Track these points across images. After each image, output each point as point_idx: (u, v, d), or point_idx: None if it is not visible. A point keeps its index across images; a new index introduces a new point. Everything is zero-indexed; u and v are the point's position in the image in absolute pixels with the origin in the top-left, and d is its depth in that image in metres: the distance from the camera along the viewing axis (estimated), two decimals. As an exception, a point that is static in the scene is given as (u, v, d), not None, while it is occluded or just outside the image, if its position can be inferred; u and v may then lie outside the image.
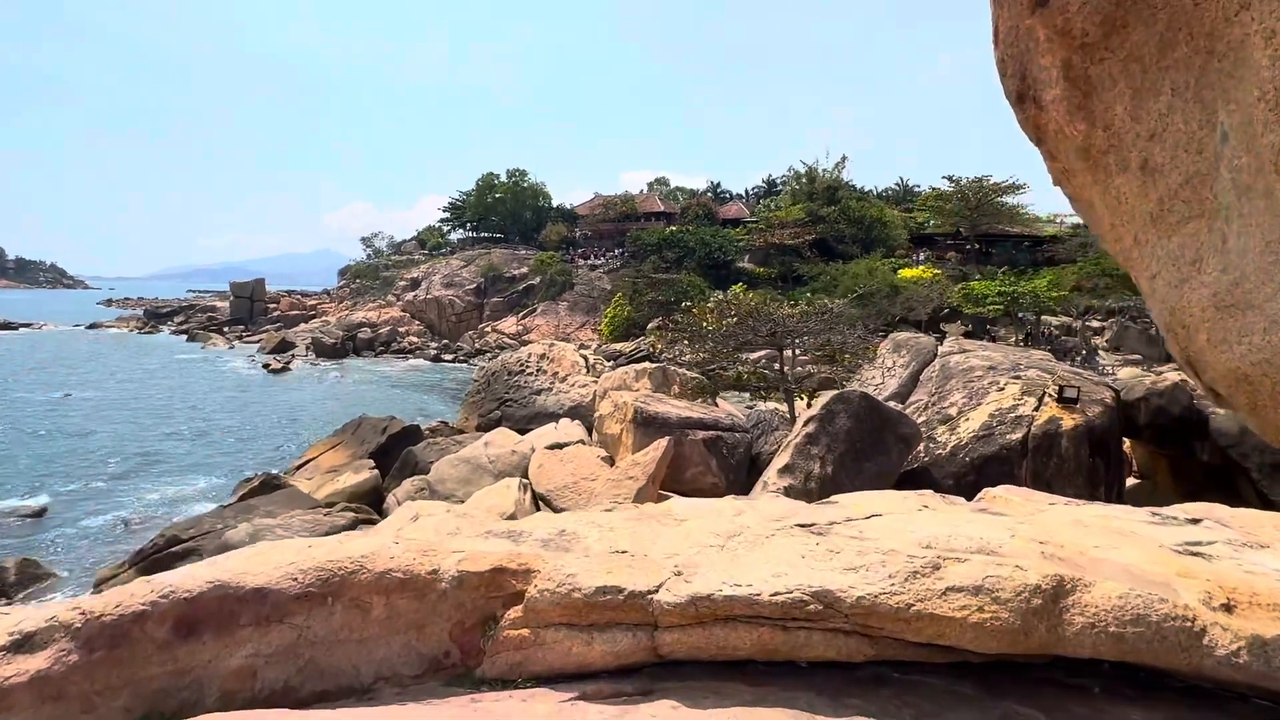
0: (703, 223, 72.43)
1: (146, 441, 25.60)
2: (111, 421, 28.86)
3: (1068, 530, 2.98)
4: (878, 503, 3.79)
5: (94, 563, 14.56)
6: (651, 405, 12.56)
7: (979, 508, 3.90)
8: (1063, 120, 1.66)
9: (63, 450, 23.81)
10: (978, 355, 12.19)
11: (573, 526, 4.37)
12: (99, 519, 17.14)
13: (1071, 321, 53.00)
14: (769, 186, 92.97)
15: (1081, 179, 1.72)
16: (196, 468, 22.47)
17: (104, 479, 20.56)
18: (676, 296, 54.92)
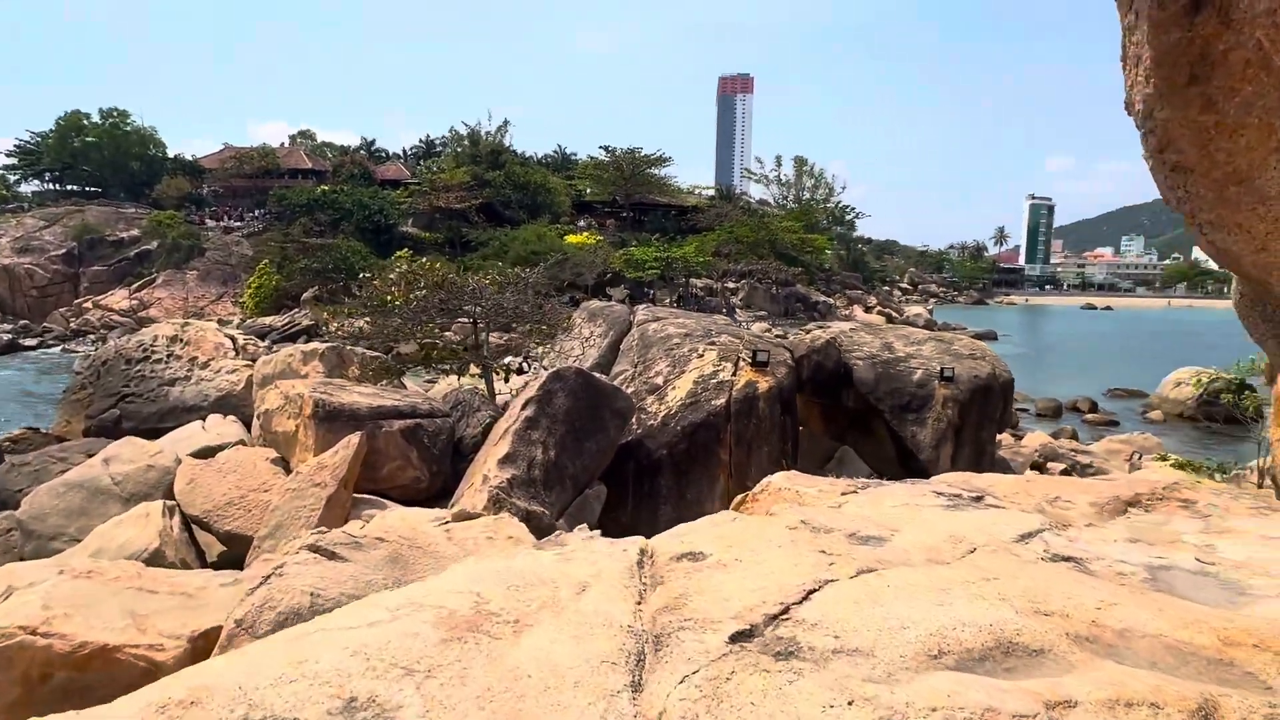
0: (359, 183, 66.91)
1: None
2: None
3: (1004, 565, 2.60)
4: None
5: None
6: (335, 395, 10.76)
7: (853, 532, 3.39)
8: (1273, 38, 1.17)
9: None
10: (673, 323, 12.54)
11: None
12: None
13: (713, 283, 59.68)
14: (428, 147, 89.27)
15: (1253, 137, 1.26)
16: None
17: None
18: (334, 263, 50.15)
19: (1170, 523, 3.73)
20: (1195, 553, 3.28)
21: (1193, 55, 1.24)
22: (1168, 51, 1.28)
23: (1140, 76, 1.39)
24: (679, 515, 10.18)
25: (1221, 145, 1.26)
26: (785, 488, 4.32)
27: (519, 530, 6.67)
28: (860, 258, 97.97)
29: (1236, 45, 1.17)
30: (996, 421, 14.66)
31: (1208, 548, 3.20)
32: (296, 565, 5.20)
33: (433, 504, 10.53)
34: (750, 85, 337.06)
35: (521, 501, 7.99)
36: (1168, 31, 1.26)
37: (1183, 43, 1.24)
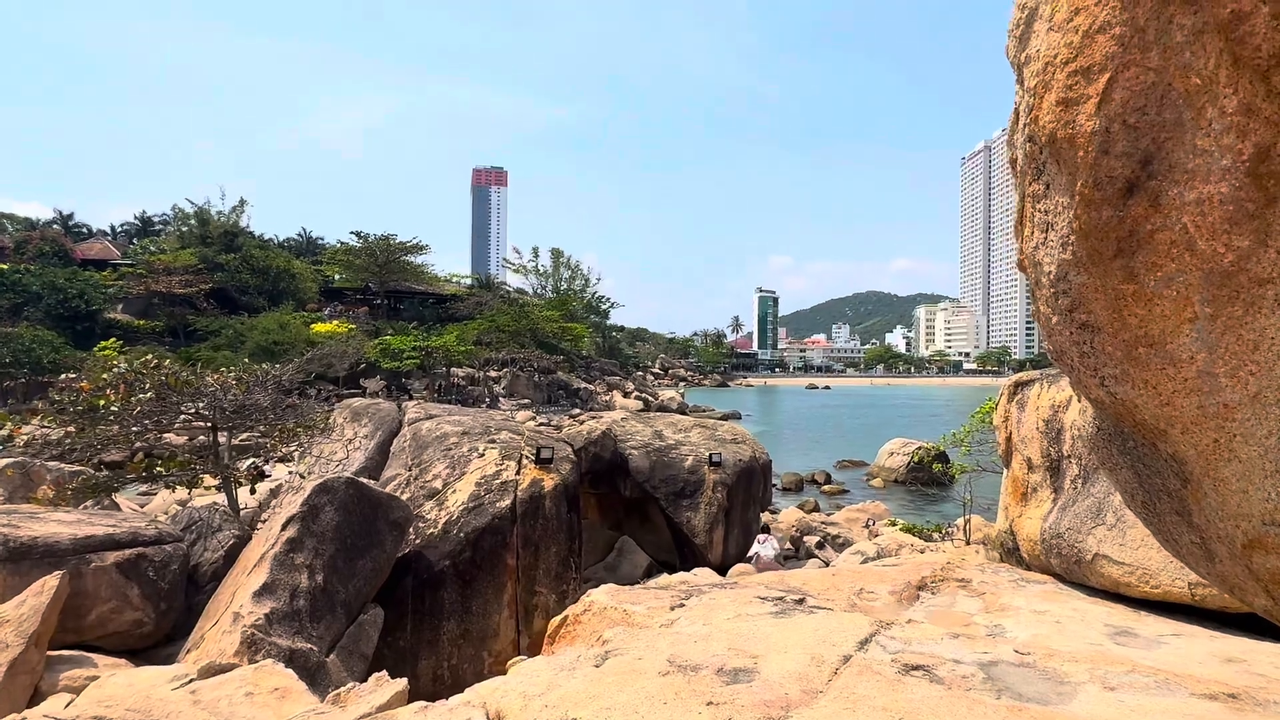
0: (51, 262, 57.36)
1: None
2: None
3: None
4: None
5: None
6: (22, 527, 8.63)
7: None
8: (1206, 230, 1.23)
9: None
10: (449, 420, 11.91)
11: None
12: None
13: (475, 372, 58.70)
14: (144, 224, 79.80)
15: (1168, 308, 1.32)
16: None
17: None
18: (14, 356, 42.00)
19: (956, 604, 4.10)
20: (987, 632, 3.60)
21: (1121, 233, 1.36)
22: (1097, 227, 1.40)
23: (1054, 242, 1.52)
24: (464, 630, 9.44)
25: (1136, 311, 1.40)
26: (611, 607, 4.10)
27: (286, 679, 5.69)
28: (615, 345, 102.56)
29: (1164, 227, 1.30)
30: (759, 501, 15.67)
31: (997, 628, 3.53)
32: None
33: (161, 652, 8.75)
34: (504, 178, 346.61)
35: (284, 640, 6.87)
36: (1099, 210, 1.38)
37: (1113, 221, 1.36)
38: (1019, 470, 5.54)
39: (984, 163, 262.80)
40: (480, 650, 9.19)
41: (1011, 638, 3.38)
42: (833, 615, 3.60)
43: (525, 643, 9.44)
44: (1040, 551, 4.91)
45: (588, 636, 3.88)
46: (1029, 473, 5.36)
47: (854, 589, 4.22)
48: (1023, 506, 5.34)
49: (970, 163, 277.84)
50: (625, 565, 13.97)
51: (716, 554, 13.85)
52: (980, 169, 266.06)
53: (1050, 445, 5.04)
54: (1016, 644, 3.31)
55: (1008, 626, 3.52)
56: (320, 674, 6.85)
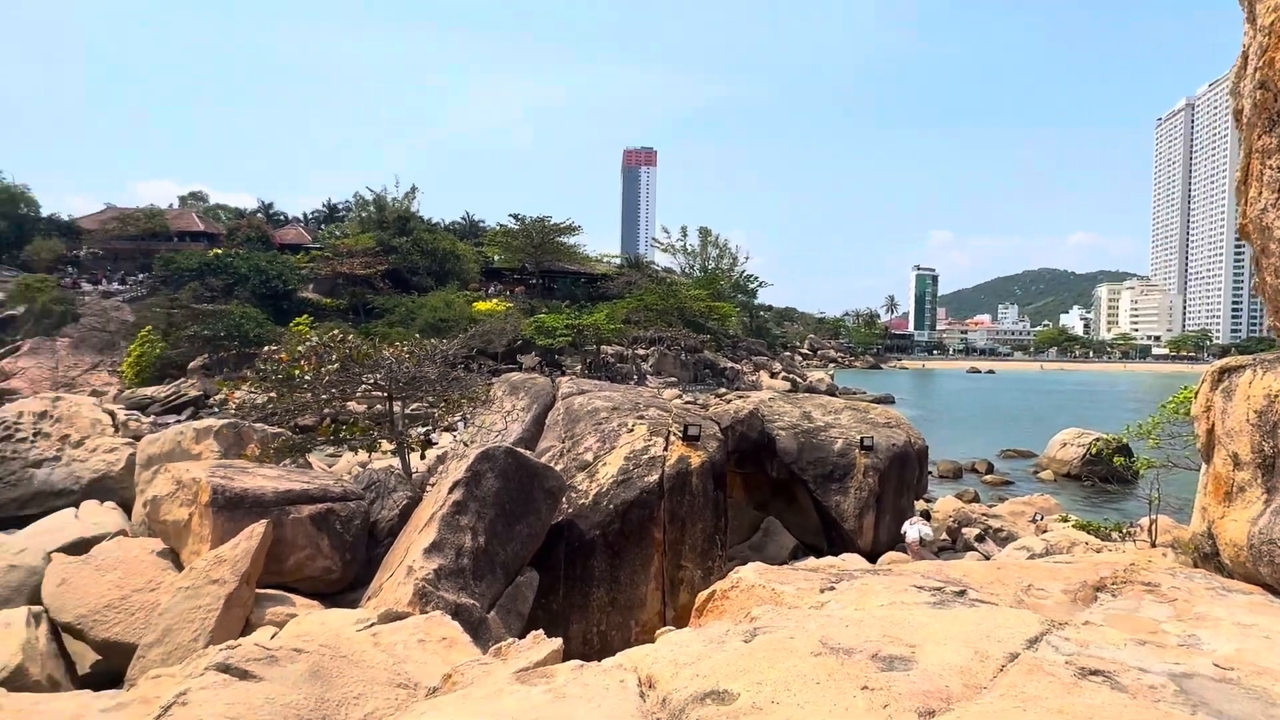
0: (256, 247, 64.36)
1: None
2: None
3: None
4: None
5: None
6: (236, 480, 9.85)
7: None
8: None
9: None
10: (599, 396, 12.30)
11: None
12: None
13: (624, 350, 60.04)
14: (331, 211, 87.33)
15: None
16: None
17: None
18: (227, 330, 47.61)
19: (1141, 609, 3.74)
20: (1179, 642, 3.26)
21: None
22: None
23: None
24: (613, 598, 9.76)
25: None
26: (759, 585, 4.10)
27: (452, 631, 6.14)
28: (762, 324, 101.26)
29: None
30: (913, 488, 15.02)
31: (1191, 638, 3.19)
32: (202, 691, 4.53)
33: (346, 596, 9.70)
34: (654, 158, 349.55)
35: (450, 594, 7.42)
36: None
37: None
38: (1222, 467, 4.94)
39: (1184, 123, 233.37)
40: (628, 618, 9.48)
41: (1209, 650, 3.03)
42: (997, 610, 3.39)
43: (671, 615, 9.63)
44: (1247, 558, 4.37)
45: (735, 613, 3.90)
46: (1235, 470, 4.77)
47: (1021, 585, 3.95)
48: (1226, 507, 4.76)
49: (1167, 124, 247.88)
50: (771, 546, 13.87)
51: (866, 540, 13.44)
52: (1179, 130, 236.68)
53: (1264, 439, 4.45)
54: (1216, 657, 2.96)
55: (1204, 638, 3.17)
56: (482, 628, 7.34)
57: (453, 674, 4.77)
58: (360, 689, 5.04)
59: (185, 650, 7.66)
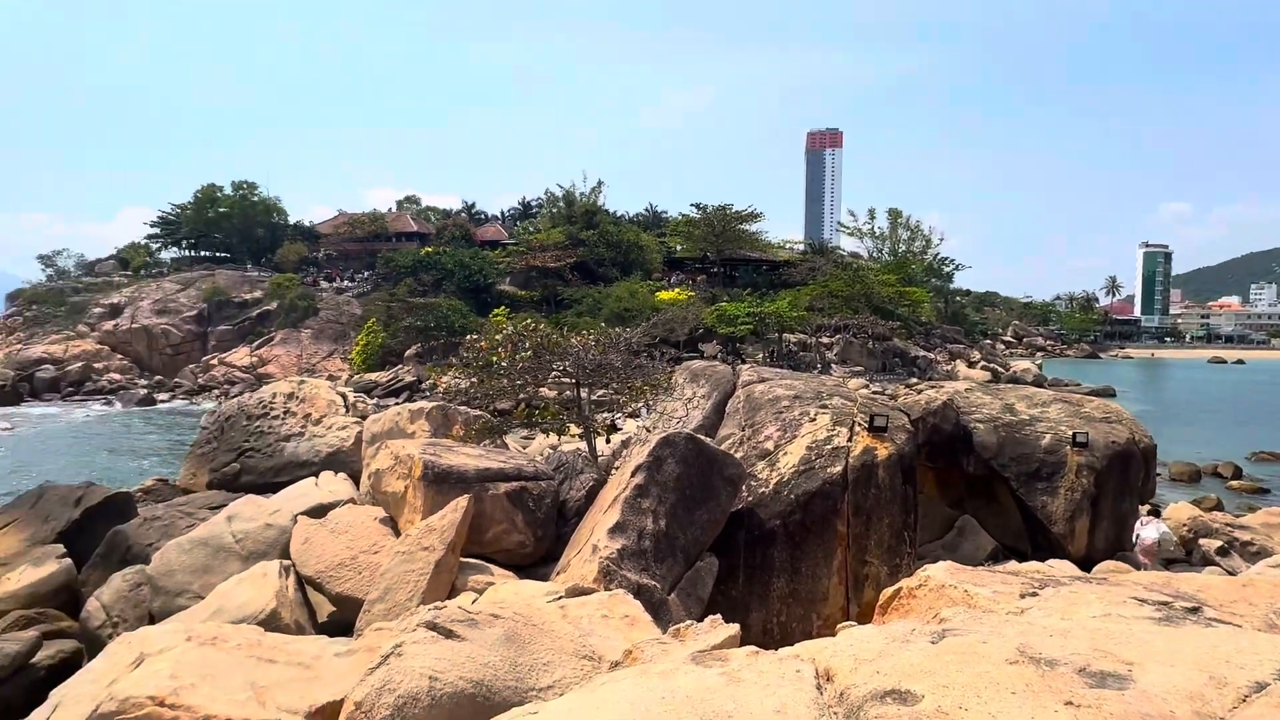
0: (460, 244, 69.90)
1: None
2: None
3: None
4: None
5: None
6: (443, 457, 10.82)
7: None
8: None
9: None
10: (781, 384, 12.12)
11: None
12: None
13: (807, 338, 58.64)
14: (525, 208, 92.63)
15: None
16: None
17: None
18: (436, 321, 52.14)
19: None
20: None
21: None
22: None
23: None
24: (793, 589, 9.61)
25: None
26: (949, 584, 3.85)
27: (634, 609, 6.34)
28: (960, 310, 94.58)
29: None
30: (1136, 491, 13.41)
31: None
32: (414, 645, 5.03)
33: (537, 569, 10.34)
34: (839, 139, 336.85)
35: (632, 574, 7.67)
36: None
37: None
38: None
39: None
40: (809, 611, 9.30)
41: None
42: (1240, 633, 2.92)
43: (854, 611, 9.32)
44: None
45: (922, 612, 3.69)
46: None
47: (1274, 606, 3.38)
48: None
49: None
50: (966, 546, 12.98)
51: (1078, 546, 12.21)
52: None
53: None
54: None
55: None
56: (662, 610, 7.52)
57: (633, 650, 4.94)
58: (549, 657, 5.36)
59: (401, 608, 8.54)
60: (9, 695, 8.57)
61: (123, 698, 5.07)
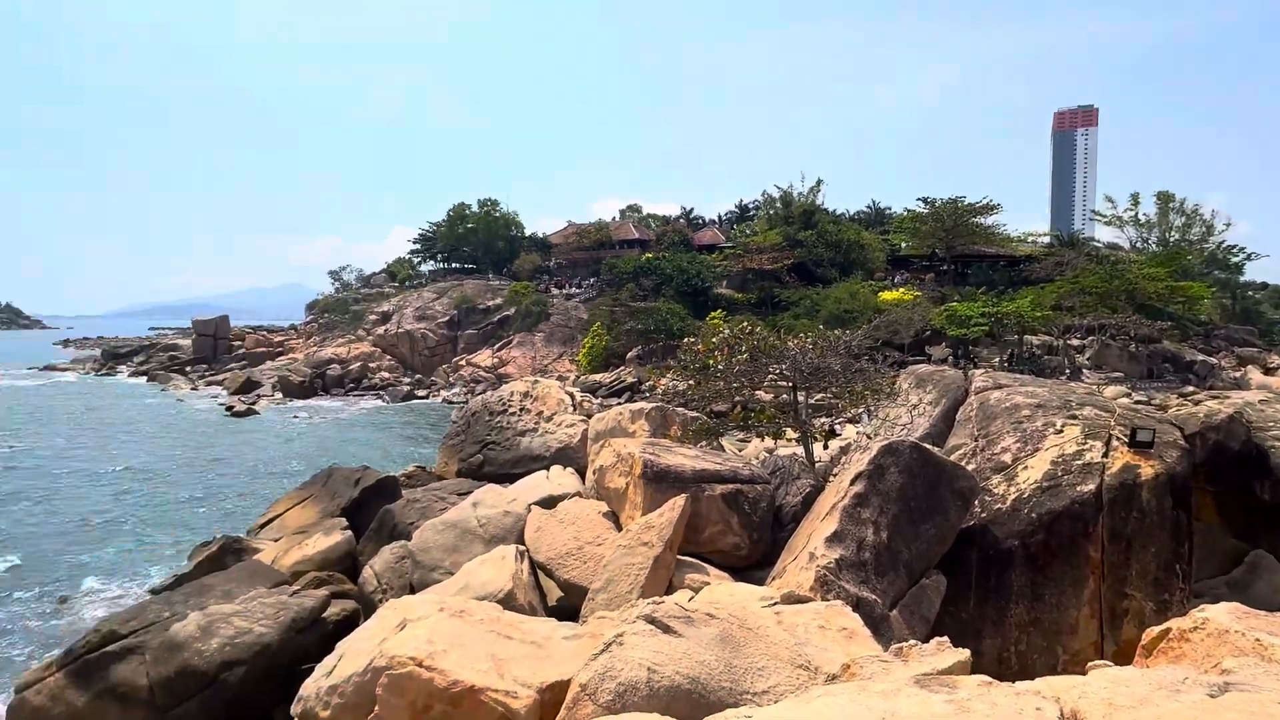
0: (678, 249, 71.70)
1: (94, 501, 23.57)
2: (53, 480, 26.69)
3: None
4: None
5: (23, 655, 12.74)
6: (662, 457, 11.18)
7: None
8: None
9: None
10: (1021, 392, 11.04)
11: None
12: (33, 600, 15.25)
13: (1053, 340, 52.83)
14: (742, 211, 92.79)
15: None
16: (149, 530, 20.57)
17: (45, 548, 18.59)
18: (656, 324, 53.90)
19: None
20: None
21: None
22: None
23: None
24: (1034, 618, 8.72)
25: None
26: (1235, 630, 3.28)
27: (853, 622, 6.12)
28: (1251, 307, 79.89)
29: None
30: None
31: None
32: (634, 636, 5.26)
33: (751, 572, 10.33)
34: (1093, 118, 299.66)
35: (851, 586, 7.41)
36: None
37: None
38: None
39: None
40: (1053, 643, 8.39)
41: None
42: None
43: (1111, 649, 8.26)
44: None
45: (1198, 659, 3.17)
46: None
47: None
48: None
49: None
50: (1260, 585, 10.98)
51: None
52: None
53: None
54: None
55: None
56: (883, 626, 7.18)
57: (851, 665, 4.77)
58: (764, 662, 5.34)
59: (622, 599, 8.94)
60: (306, 643, 10.17)
61: (390, 655, 5.82)
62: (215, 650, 9.47)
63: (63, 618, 14.27)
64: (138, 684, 9.39)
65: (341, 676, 6.13)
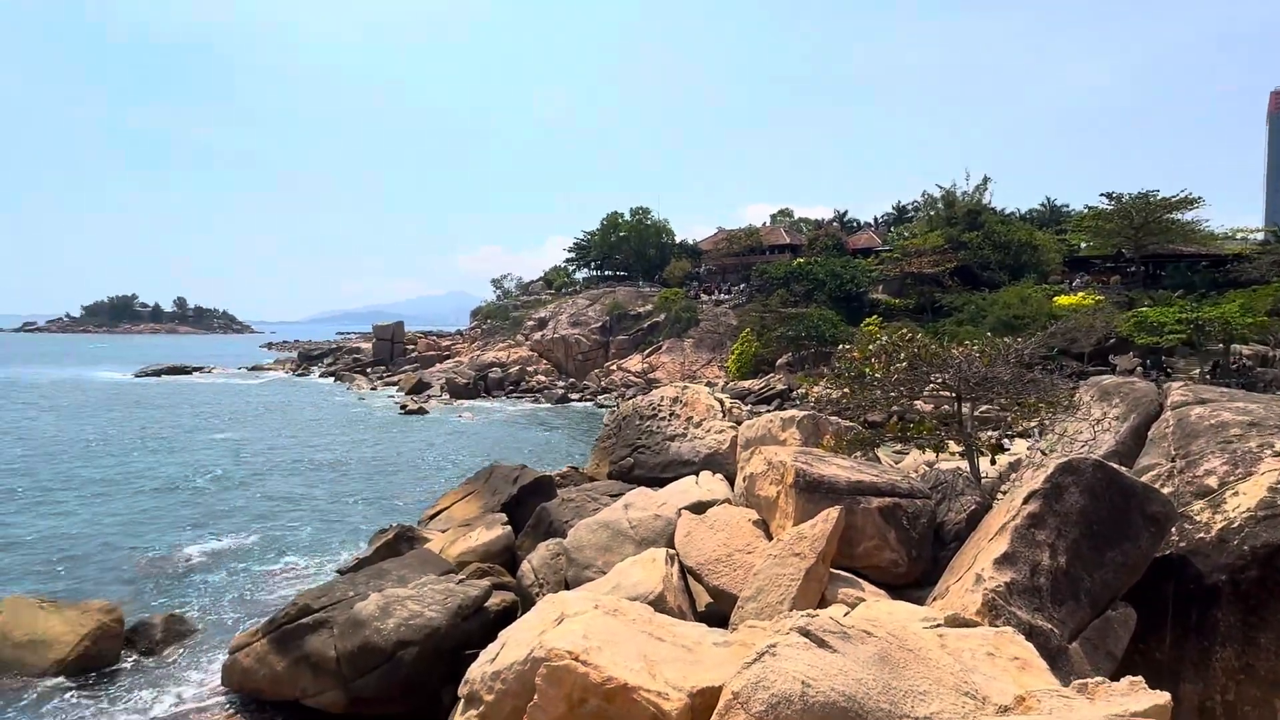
0: (831, 253, 69.80)
1: (292, 486, 26.33)
2: (262, 466, 30.06)
3: None
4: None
5: (236, 617, 14.44)
6: (815, 467, 10.91)
7: None
8: None
9: (208, 497, 24.73)
10: (1228, 407, 9.80)
11: None
12: (240, 572, 17.25)
13: (1268, 350, 46.54)
14: (899, 213, 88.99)
15: None
16: (336, 514, 22.69)
17: (247, 528, 20.98)
18: (807, 331, 52.75)
19: None
20: None
21: None
22: None
23: None
24: (1245, 664, 7.71)
25: None
26: None
27: (1026, 651, 5.69)
28: None
29: None
30: None
31: None
32: (788, 648, 5.17)
33: (909, 592, 9.85)
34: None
35: (1023, 613, 6.88)
36: None
37: None
38: None
39: None
40: (1270, 695, 7.37)
41: None
42: None
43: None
44: None
45: None
46: None
47: None
48: None
49: None
50: None
51: None
52: None
53: None
54: None
55: None
56: (1061, 658, 6.61)
57: (1026, 698, 4.44)
58: (926, 686, 5.08)
59: (772, 609, 8.81)
60: (470, 629, 10.82)
61: (549, 648, 6.07)
62: (392, 630, 10.28)
63: (267, 589, 16.04)
64: (327, 655, 10.38)
65: (504, 664, 6.47)
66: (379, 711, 10.24)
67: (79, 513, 21.99)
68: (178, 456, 31.70)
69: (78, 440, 35.25)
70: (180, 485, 26.01)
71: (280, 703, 10.61)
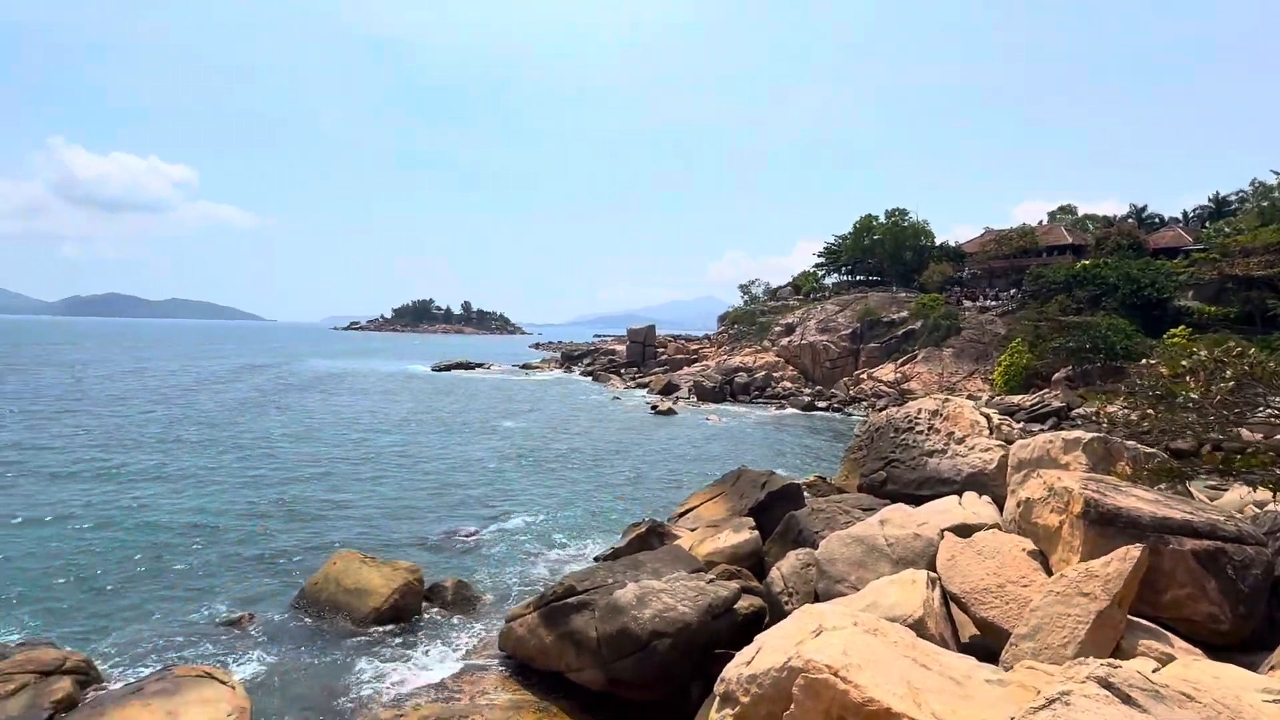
0: (1125, 254, 61.01)
1: (558, 474, 28.77)
2: (529, 455, 33.20)
3: None
4: None
5: (512, 588, 16.09)
6: (1110, 496, 9.60)
7: None
8: None
9: (493, 478, 27.80)
10: None
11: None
12: (516, 548, 19.17)
13: None
14: (1218, 206, 75.58)
15: None
16: (594, 504, 24.36)
17: (523, 509, 23.25)
18: (1091, 342, 46.71)
19: None
20: None
21: None
22: None
23: None
24: None
25: None
26: None
27: None
28: None
29: None
30: None
31: None
32: (1085, 699, 4.62)
33: (1235, 656, 8.31)
34: None
35: None
36: None
37: None
38: None
39: None
40: None
41: None
42: None
43: None
44: None
45: None
46: None
47: None
48: None
49: None
50: None
51: None
52: None
53: None
54: None
55: None
56: None
57: None
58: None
59: (1054, 652, 7.92)
60: (719, 629, 11.03)
61: (807, 658, 6.01)
62: (647, 620, 10.80)
63: (537, 567, 17.72)
64: (588, 635, 11.17)
65: (760, 669, 6.51)
66: (633, 695, 10.80)
67: (390, 482, 25.97)
68: (472, 439, 36.37)
69: (401, 421, 42.04)
70: (474, 466, 29.96)
71: (546, 673, 11.62)
